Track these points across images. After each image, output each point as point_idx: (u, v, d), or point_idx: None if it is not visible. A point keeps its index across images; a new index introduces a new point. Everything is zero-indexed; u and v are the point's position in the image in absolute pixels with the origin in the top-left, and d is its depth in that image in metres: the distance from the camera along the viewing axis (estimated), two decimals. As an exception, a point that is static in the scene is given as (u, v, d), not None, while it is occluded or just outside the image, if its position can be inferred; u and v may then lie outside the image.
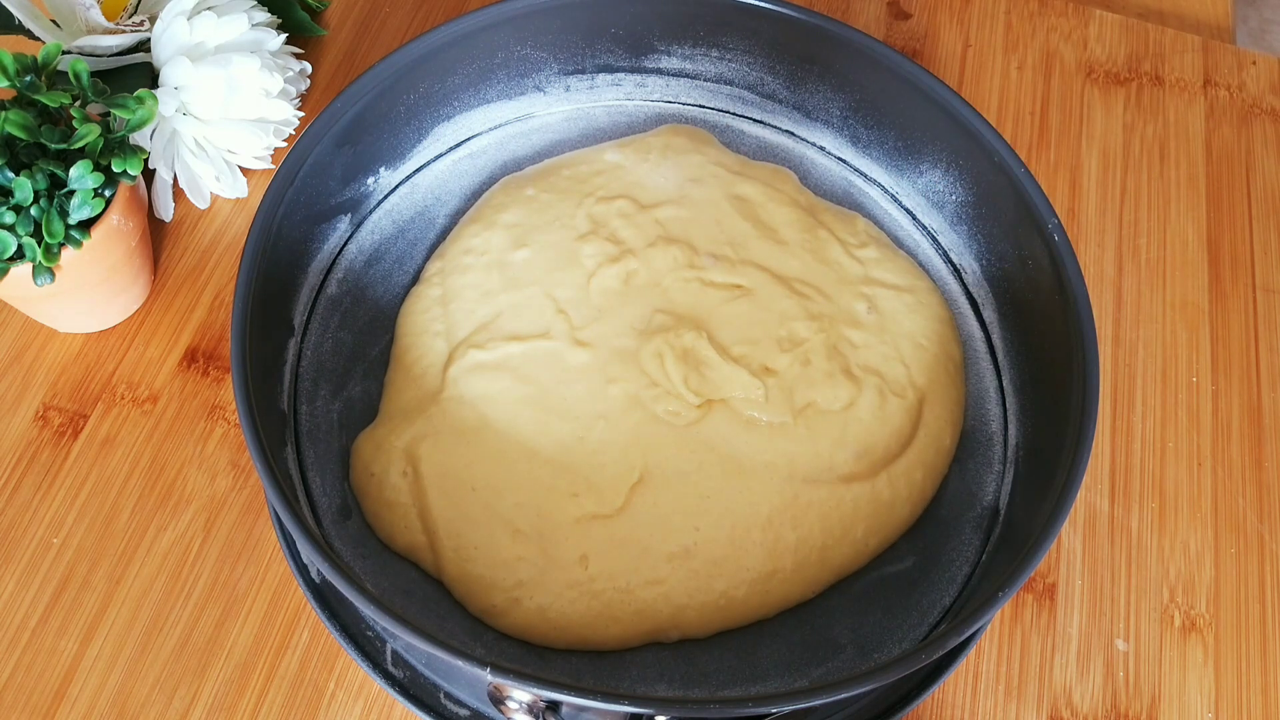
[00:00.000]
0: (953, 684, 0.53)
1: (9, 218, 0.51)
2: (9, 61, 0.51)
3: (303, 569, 0.50)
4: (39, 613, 0.52)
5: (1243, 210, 0.67)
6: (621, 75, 0.63)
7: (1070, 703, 0.53)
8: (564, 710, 0.42)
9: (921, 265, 0.60)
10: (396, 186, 0.60)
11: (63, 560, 0.53)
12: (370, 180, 0.58)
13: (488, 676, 0.39)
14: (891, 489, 0.52)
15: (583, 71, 0.62)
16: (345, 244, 0.58)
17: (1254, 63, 0.73)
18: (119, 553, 0.53)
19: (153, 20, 0.62)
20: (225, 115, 0.60)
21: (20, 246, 0.52)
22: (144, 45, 0.61)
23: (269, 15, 0.63)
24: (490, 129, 0.62)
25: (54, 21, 0.61)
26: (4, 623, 0.52)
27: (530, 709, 0.43)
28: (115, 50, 0.60)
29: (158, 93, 0.58)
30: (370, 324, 0.56)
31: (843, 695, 0.40)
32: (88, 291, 0.56)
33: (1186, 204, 0.67)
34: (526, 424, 0.52)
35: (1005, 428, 0.55)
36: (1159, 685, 0.53)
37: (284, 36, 0.62)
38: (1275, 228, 0.67)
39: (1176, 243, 0.66)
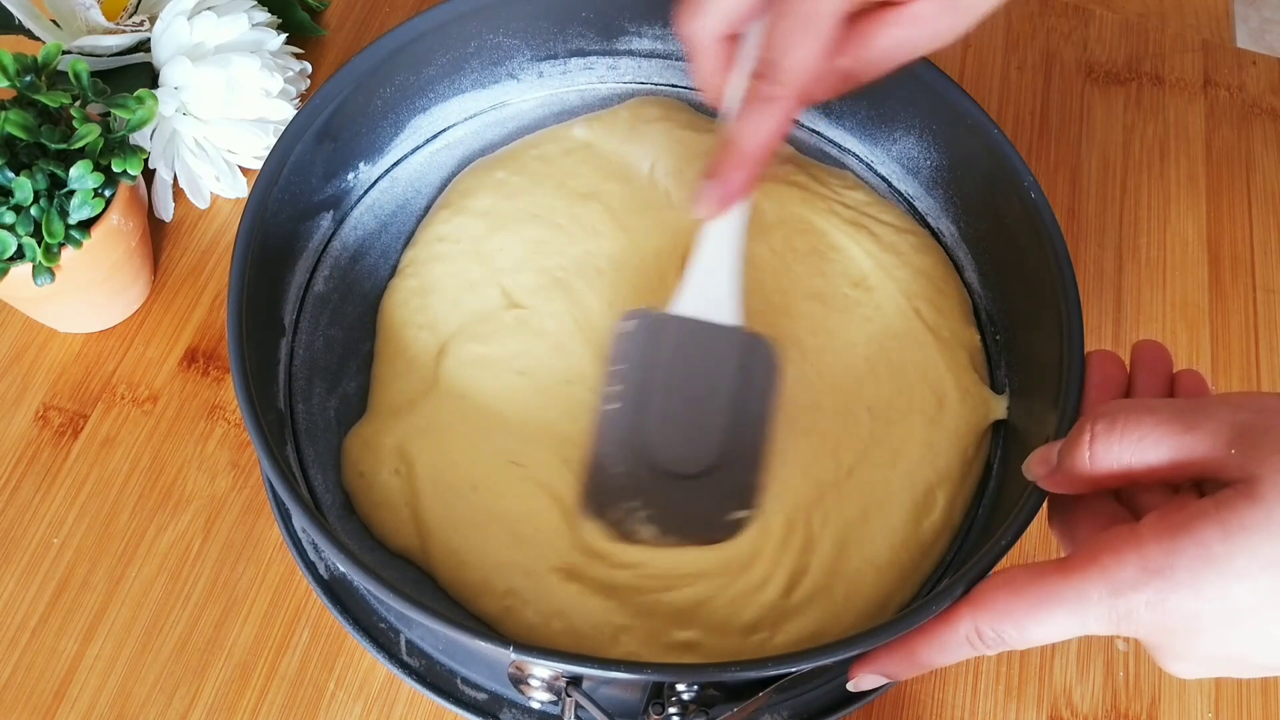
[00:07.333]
0: (953, 684, 0.53)
1: (9, 218, 0.51)
2: (9, 61, 0.51)
3: (310, 566, 0.50)
4: (39, 613, 0.52)
5: (1243, 210, 0.67)
6: (594, 59, 0.62)
7: (1070, 703, 0.53)
8: (585, 685, 0.42)
9: None
10: (376, 181, 0.59)
11: (63, 560, 0.53)
12: (350, 176, 0.58)
13: (510, 655, 0.39)
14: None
15: (555, 57, 0.62)
16: (329, 240, 0.57)
17: (1254, 63, 0.73)
18: (119, 553, 0.53)
19: (153, 20, 0.62)
20: (225, 115, 0.60)
21: (20, 246, 0.52)
22: (144, 45, 0.61)
23: (269, 15, 0.63)
24: (465, 119, 0.62)
25: (54, 21, 0.61)
26: (4, 623, 0.52)
27: (550, 686, 0.43)
28: (115, 50, 0.60)
29: (158, 93, 0.58)
30: (360, 320, 0.56)
31: (857, 651, 0.41)
32: (88, 291, 0.56)
33: (1186, 204, 0.67)
34: (525, 422, 0.50)
35: None
36: (1159, 685, 0.53)
37: (284, 36, 0.62)
38: (1275, 228, 0.67)
39: (1176, 243, 0.66)
